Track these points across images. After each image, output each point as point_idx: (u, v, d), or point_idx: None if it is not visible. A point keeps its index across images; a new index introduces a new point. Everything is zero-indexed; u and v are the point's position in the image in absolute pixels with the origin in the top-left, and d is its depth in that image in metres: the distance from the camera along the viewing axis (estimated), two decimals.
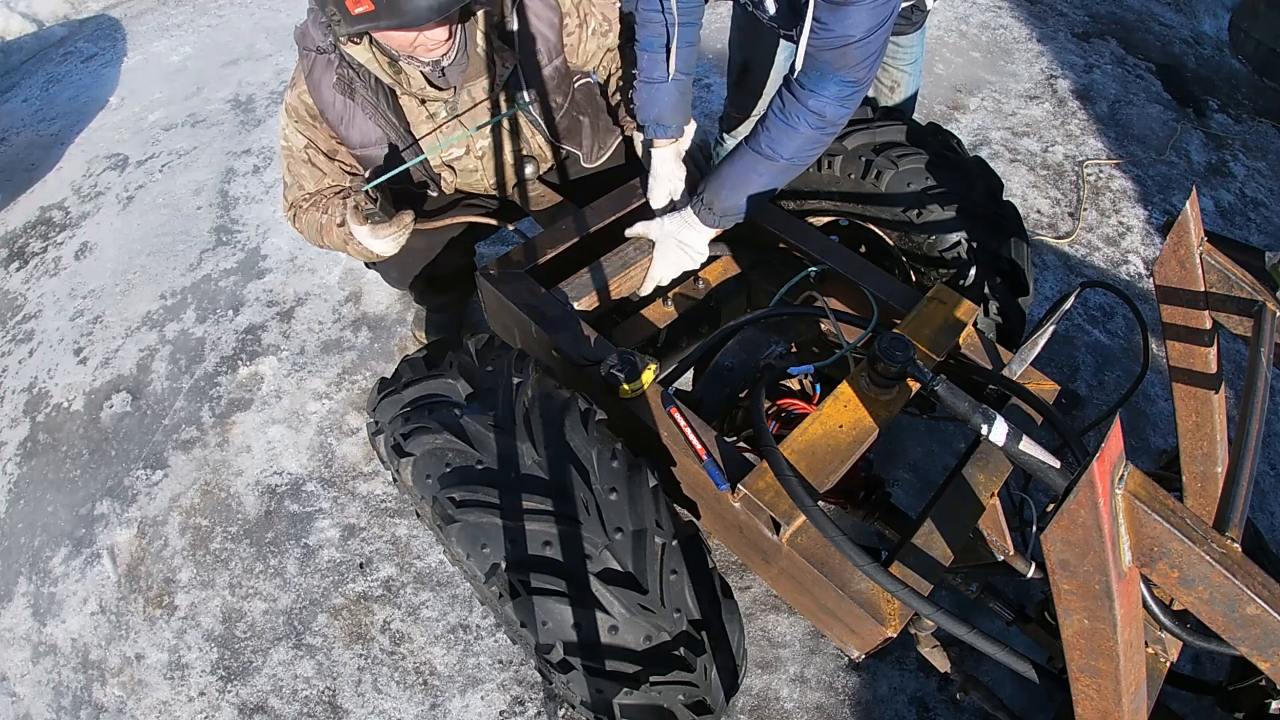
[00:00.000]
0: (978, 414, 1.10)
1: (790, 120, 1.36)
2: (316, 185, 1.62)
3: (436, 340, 2.17)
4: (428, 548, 1.88)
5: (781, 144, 1.39)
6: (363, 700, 1.66)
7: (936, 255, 1.63)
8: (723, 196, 1.49)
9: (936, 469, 2.01)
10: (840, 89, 1.31)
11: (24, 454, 2.14)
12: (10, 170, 3.06)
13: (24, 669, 1.76)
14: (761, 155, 1.42)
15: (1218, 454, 1.15)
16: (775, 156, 1.41)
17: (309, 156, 1.60)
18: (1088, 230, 2.75)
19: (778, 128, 1.39)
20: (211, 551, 1.89)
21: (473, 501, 1.10)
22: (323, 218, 1.59)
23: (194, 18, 3.90)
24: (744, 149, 1.46)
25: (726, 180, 1.48)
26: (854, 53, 1.27)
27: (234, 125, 3.17)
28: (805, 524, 1.14)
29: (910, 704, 1.65)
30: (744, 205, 1.50)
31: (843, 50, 1.26)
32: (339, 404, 2.16)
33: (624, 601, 1.08)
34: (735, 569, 1.85)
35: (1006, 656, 1.01)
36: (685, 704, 1.14)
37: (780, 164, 1.42)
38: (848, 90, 1.32)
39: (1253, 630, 0.74)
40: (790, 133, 1.37)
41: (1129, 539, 0.75)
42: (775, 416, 1.37)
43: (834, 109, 1.34)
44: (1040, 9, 3.90)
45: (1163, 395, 2.23)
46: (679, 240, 1.56)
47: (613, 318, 1.71)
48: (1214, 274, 1.08)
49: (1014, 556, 1.33)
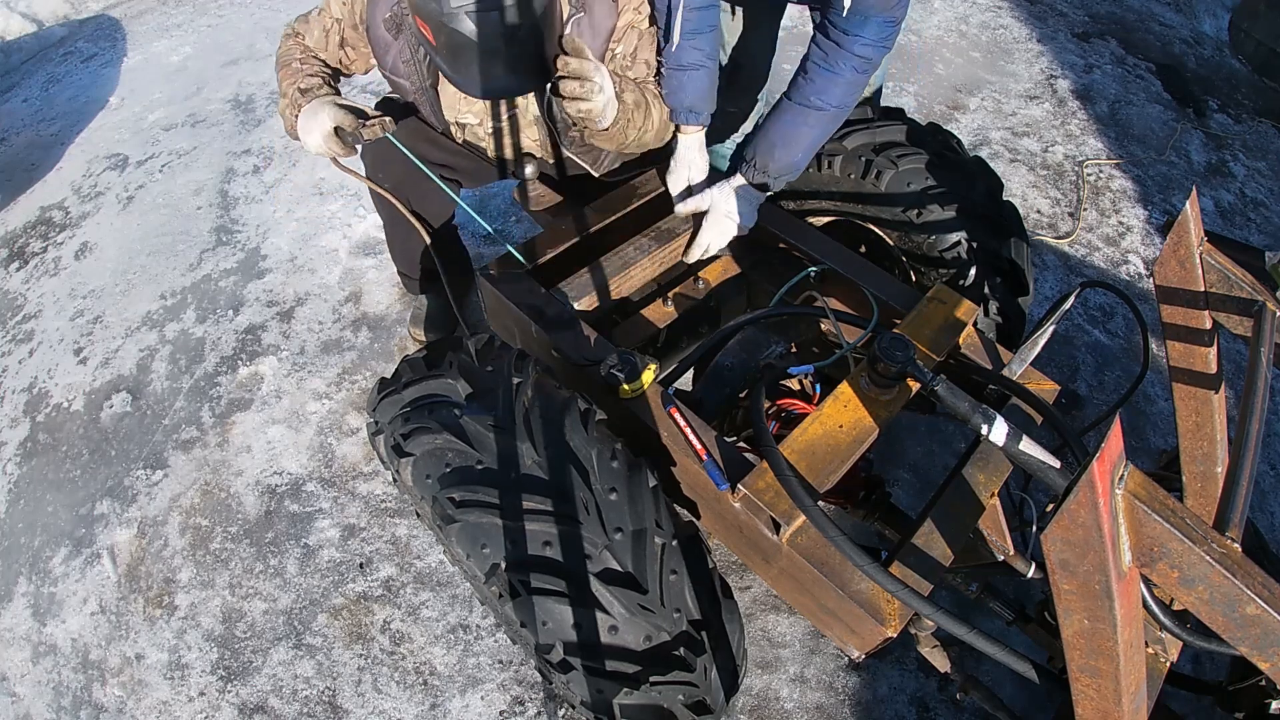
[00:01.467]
0: (978, 414, 1.10)
1: (835, 67, 1.40)
2: (314, 45, 1.65)
3: (436, 340, 2.18)
4: (428, 548, 1.88)
5: (829, 92, 1.43)
6: (363, 700, 1.66)
7: (936, 255, 1.63)
8: (775, 155, 1.50)
9: (936, 469, 2.01)
10: (880, 29, 1.36)
11: (24, 454, 2.14)
12: (10, 170, 3.06)
13: (24, 669, 1.76)
14: (809, 107, 1.45)
15: (1218, 454, 1.15)
16: (824, 105, 1.44)
17: (330, 25, 1.63)
18: (1088, 230, 2.75)
19: (823, 77, 1.42)
20: (211, 551, 1.89)
21: (473, 501, 1.10)
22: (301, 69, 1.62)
23: (194, 18, 3.90)
24: (787, 105, 1.48)
25: (777, 138, 1.50)
26: None
27: (234, 125, 3.17)
28: (805, 524, 1.14)
29: (910, 704, 1.65)
30: (798, 160, 1.52)
31: None
32: (339, 404, 2.16)
33: (624, 601, 1.08)
34: (735, 569, 1.85)
35: (1006, 656, 1.01)
36: (685, 704, 1.14)
37: (830, 112, 1.46)
38: (888, 30, 1.37)
39: (1253, 630, 0.74)
40: (836, 79, 1.41)
41: (1129, 539, 0.75)
42: (775, 416, 1.37)
43: (876, 50, 1.39)
44: (1040, 9, 3.90)
45: (1163, 395, 2.23)
46: (727, 211, 1.57)
47: (613, 318, 1.71)
48: (1214, 274, 1.08)
49: (1014, 556, 1.33)
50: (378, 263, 2.52)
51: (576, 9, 1.55)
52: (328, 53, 1.66)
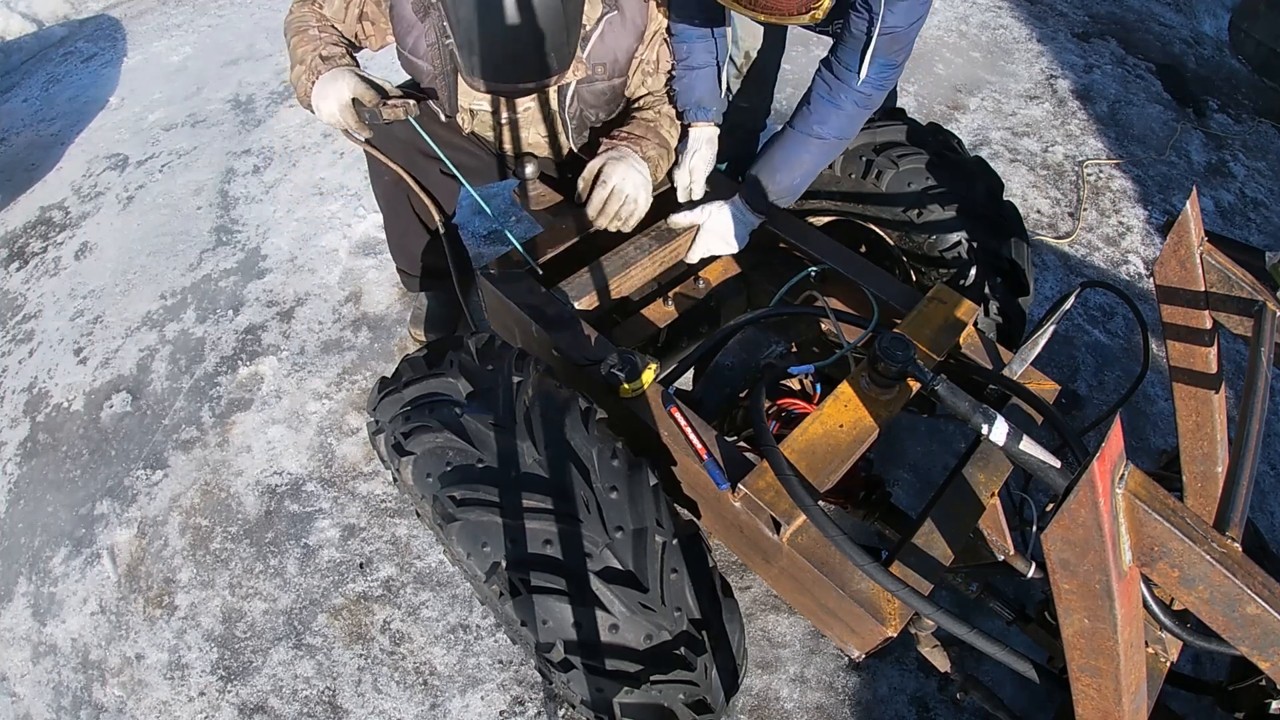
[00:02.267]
0: (978, 414, 1.10)
1: (837, 101, 1.49)
2: (332, 15, 1.63)
3: (437, 340, 2.18)
4: (428, 548, 1.88)
5: (829, 123, 1.52)
6: (363, 700, 1.66)
7: (937, 255, 1.63)
8: (777, 179, 1.58)
9: (936, 469, 2.01)
10: (881, 71, 1.45)
11: (24, 454, 2.14)
12: (10, 170, 3.06)
13: (24, 669, 1.76)
14: (810, 135, 1.54)
15: (1218, 454, 1.15)
16: (826, 135, 1.53)
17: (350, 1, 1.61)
18: (1088, 230, 2.75)
19: (824, 108, 1.51)
20: (211, 551, 1.89)
21: (473, 500, 1.10)
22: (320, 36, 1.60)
23: (194, 18, 3.90)
24: (790, 133, 1.57)
25: (779, 164, 1.58)
26: (900, 38, 1.41)
27: (234, 125, 3.17)
28: (805, 524, 1.14)
29: (910, 704, 1.65)
30: (797, 184, 1.60)
31: (890, 37, 1.39)
32: (339, 404, 2.16)
33: (624, 600, 1.08)
34: (735, 569, 1.85)
35: (1006, 656, 1.01)
36: (685, 703, 1.14)
37: (830, 142, 1.55)
38: (889, 72, 1.46)
39: (1253, 630, 0.74)
40: (837, 112, 1.50)
41: (1129, 539, 0.75)
42: (775, 416, 1.37)
43: (877, 89, 1.48)
44: (1040, 9, 3.90)
45: (1163, 395, 2.23)
46: (720, 234, 1.65)
47: (613, 318, 1.71)
48: (1214, 274, 1.08)
49: (1014, 556, 1.33)
50: (378, 263, 2.52)
51: (609, 7, 1.56)
52: (345, 25, 1.64)
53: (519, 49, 1.43)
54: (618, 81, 1.67)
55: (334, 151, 2.98)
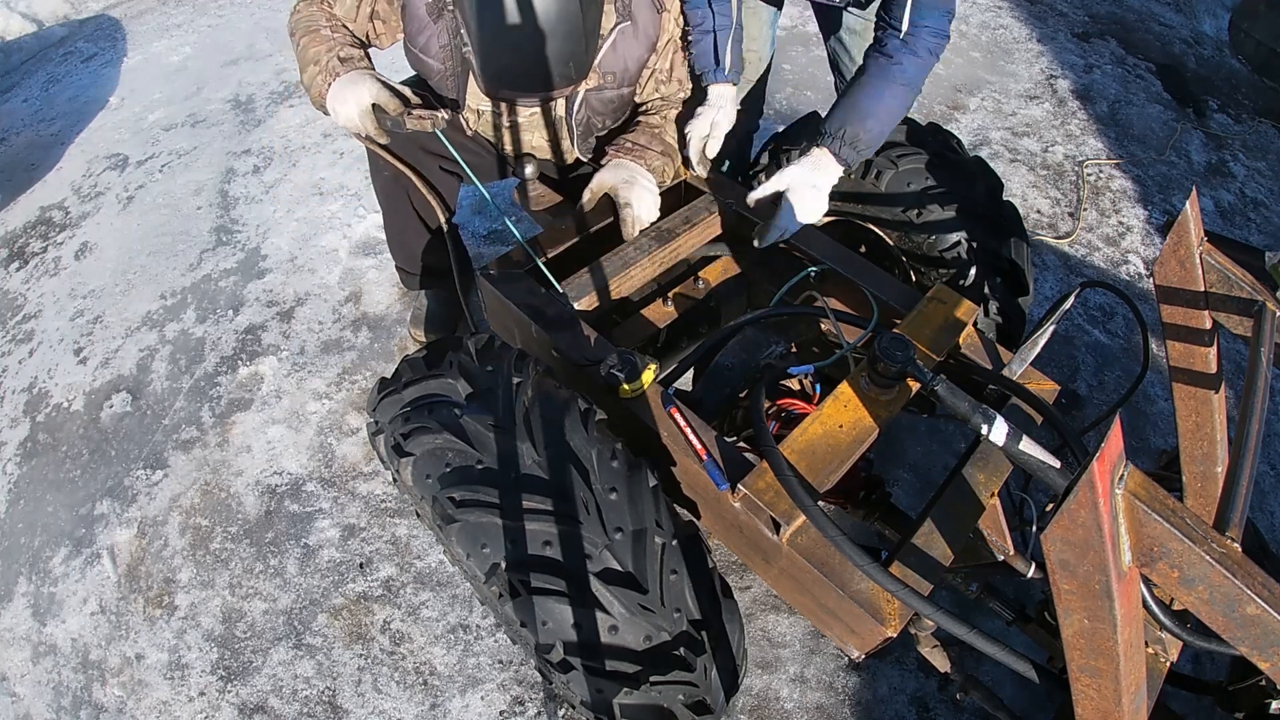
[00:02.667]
0: (978, 414, 1.10)
1: (917, 50, 1.52)
2: (343, 14, 1.61)
3: (436, 340, 2.18)
4: (428, 548, 1.88)
5: (912, 71, 1.54)
6: (363, 700, 1.66)
7: (936, 255, 1.63)
8: (868, 126, 1.54)
9: (936, 469, 2.01)
10: (942, 17, 1.52)
11: (24, 454, 2.14)
12: (10, 170, 3.06)
13: (24, 669, 1.76)
14: (891, 81, 1.54)
15: (1218, 454, 1.15)
16: (909, 83, 1.55)
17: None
18: (1088, 230, 2.75)
19: (907, 58, 1.53)
20: (211, 551, 1.89)
21: (473, 501, 1.10)
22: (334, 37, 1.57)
23: (194, 18, 3.91)
24: (868, 81, 1.55)
25: (868, 113, 1.55)
26: None
27: (234, 125, 3.17)
28: (805, 524, 1.14)
29: (910, 704, 1.65)
30: (885, 132, 1.59)
31: None
32: (339, 404, 2.16)
33: (624, 601, 1.08)
34: (735, 569, 1.85)
35: (1006, 656, 1.01)
36: (685, 704, 1.14)
37: (913, 90, 1.57)
38: (949, 18, 1.53)
39: (1253, 630, 0.74)
40: (917, 60, 1.53)
41: (1129, 539, 0.75)
42: (775, 416, 1.37)
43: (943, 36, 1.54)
44: (1040, 9, 3.90)
45: (1163, 395, 2.23)
46: (813, 185, 1.56)
47: (613, 318, 1.71)
48: (1214, 274, 1.08)
49: (1014, 556, 1.33)
50: (378, 263, 2.52)
51: (623, 17, 1.56)
52: (356, 24, 1.62)
53: (539, 59, 1.43)
54: (626, 90, 1.67)
55: (334, 151, 2.98)
